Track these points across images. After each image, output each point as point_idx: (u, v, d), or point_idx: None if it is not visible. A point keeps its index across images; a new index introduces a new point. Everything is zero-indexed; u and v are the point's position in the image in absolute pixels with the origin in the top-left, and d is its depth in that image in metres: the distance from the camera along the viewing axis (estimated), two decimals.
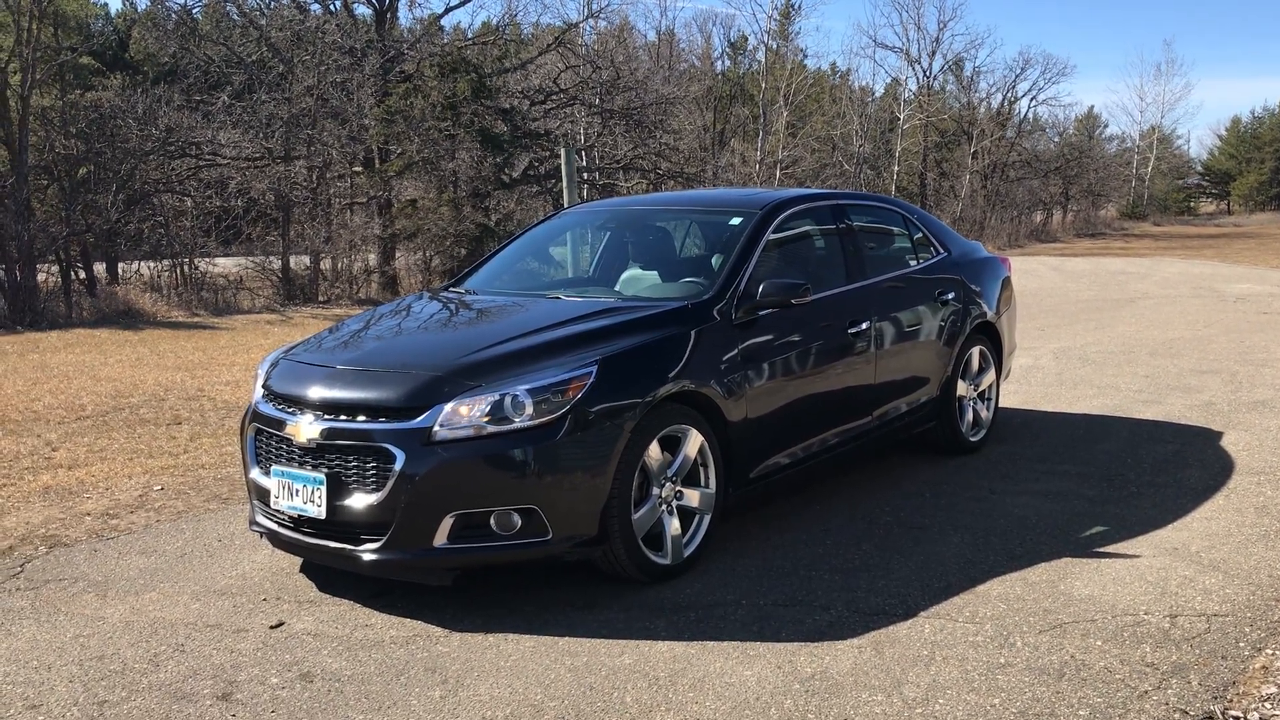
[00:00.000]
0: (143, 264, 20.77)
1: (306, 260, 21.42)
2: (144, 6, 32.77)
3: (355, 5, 25.50)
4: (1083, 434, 7.27)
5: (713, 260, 5.59)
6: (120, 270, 20.84)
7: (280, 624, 4.23)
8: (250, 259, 21.65)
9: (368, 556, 4.28)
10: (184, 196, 21.18)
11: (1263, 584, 4.47)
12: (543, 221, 6.96)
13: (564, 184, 10.72)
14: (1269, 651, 3.81)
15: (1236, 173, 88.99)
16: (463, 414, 4.25)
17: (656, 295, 5.45)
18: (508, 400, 4.27)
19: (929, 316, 6.46)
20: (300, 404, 4.56)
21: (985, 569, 4.68)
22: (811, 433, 5.55)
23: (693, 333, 4.88)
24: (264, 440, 4.72)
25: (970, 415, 6.88)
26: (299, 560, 4.92)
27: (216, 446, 7.36)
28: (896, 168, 44.55)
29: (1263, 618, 4.12)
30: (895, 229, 6.87)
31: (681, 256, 6.16)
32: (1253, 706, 3.41)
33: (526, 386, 4.31)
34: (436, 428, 4.23)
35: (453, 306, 5.70)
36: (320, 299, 20.43)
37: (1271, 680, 3.58)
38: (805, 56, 47.25)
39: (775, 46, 42.59)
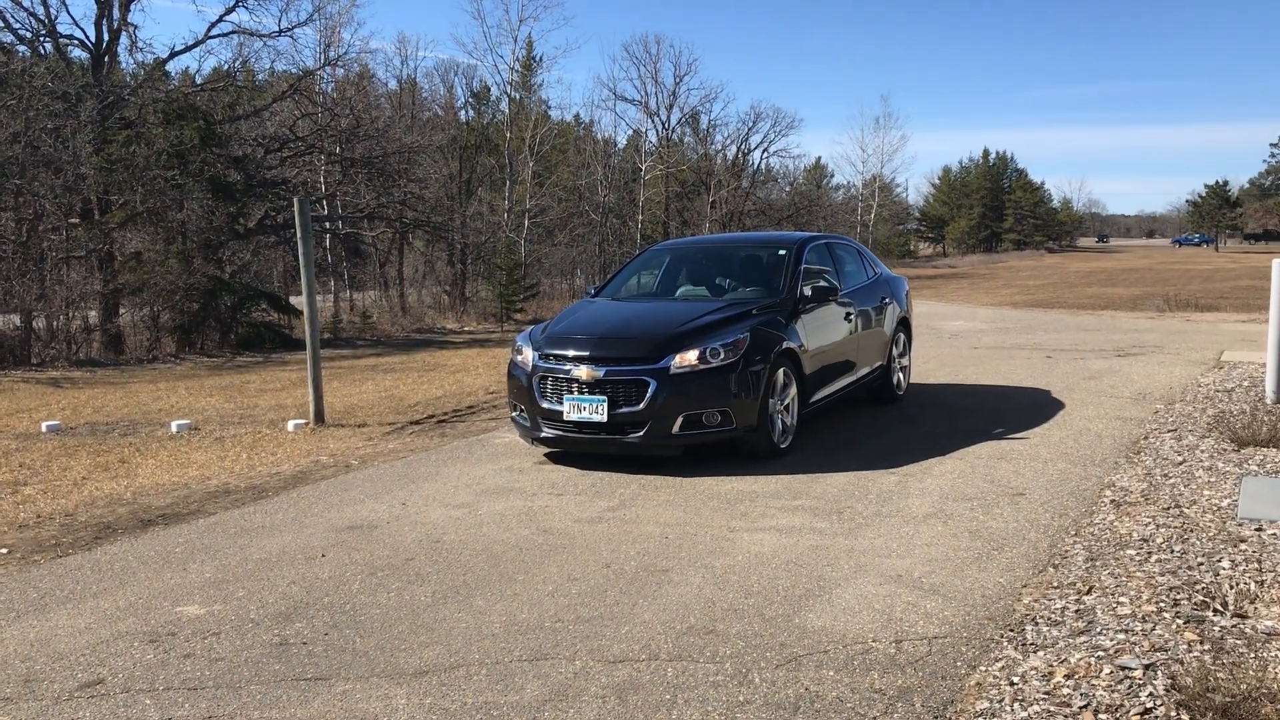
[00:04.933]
0: None
1: (17, 320, 19.72)
2: None
3: (69, 48, 23.93)
4: (813, 468, 7.60)
5: (777, 275, 8.84)
6: None
7: None
8: None
9: (632, 439, 7.48)
10: None
11: (977, 604, 4.76)
12: (638, 255, 10.38)
13: (299, 235, 10.35)
14: (982, 669, 4.05)
15: (949, 218, 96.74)
16: (684, 359, 7.47)
17: (751, 296, 8.64)
18: (708, 350, 7.51)
19: (878, 313, 9.99)
20: (577, 359, 7.65)
21: (725, 607, 4.77)
22: (832, 380, 8.92)
23: (783, 316, 8.21)
24: (549, 383, 7.77)
25: (898, 378, 10.52)
26: None
27: None
28: (641, 216, 45.75)
29: (977, 636, 4.38)
30: (853, 257, 10.26)
31: (751, 273, 9.20)
32: None
33: (720, 343, 7.56)
34: (671, 367, 7.44)
35: (629, 305, 8.93)
36: (34, 361, 18.83)
37: (984, 696, 3.80)
38: (549, 108, 47.93)
39: (518, 98, 43.02)
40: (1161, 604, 4.62)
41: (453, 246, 36.27)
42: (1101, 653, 4.11)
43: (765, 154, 58.83)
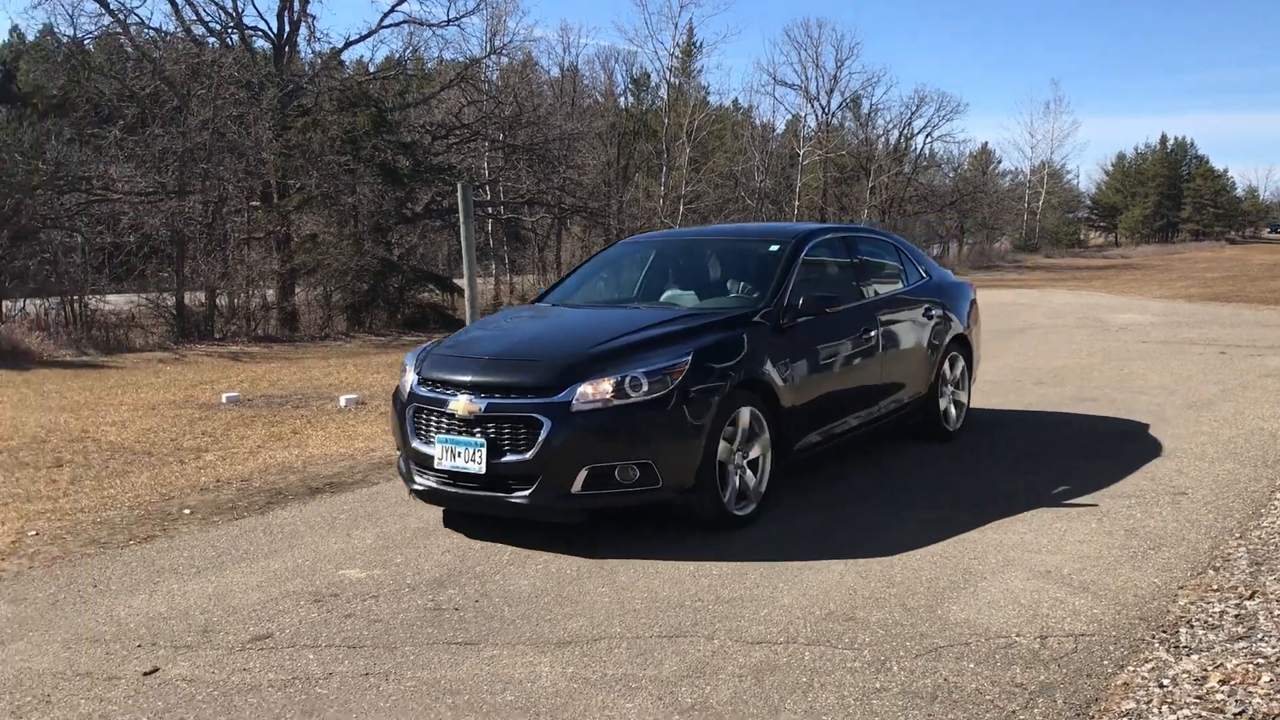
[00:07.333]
0: (29, 302, 20.11)
1: (202, 297, 20.97)
2: (33, 38, 32.00)
3: (253, 38, 25.23)
4: (968, 464, 7.46)
5: (761, 278, 6.79)
6: (4, 308, 20.14)
7: (154, 670, 4.13)
8: (143, 296, 21.10)
9: (518, 500, 5.43)
10: (73, 232, 20.61)
11: (1128, 604, 4.63)
12: (600, 253, 8.41)
13: (461, 219, 10.69)
14: (1130, 669, 3.95)
15: (1123, 206, 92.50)
16: (594, 391, 5.40)
17: (720, 305, 6.68)
18: (628, 380, 5.43)
19: (918, 329, 7.82)
20: (459, 386, 5.67)
21: (866, 595, 4.77)
22: (835, 416, 6.78)
23: (753, 334, 6.11)
24: (424, 417, 5.80)
25: (947, 409, 8.22)
26: (177, 605, 4.81)
27: (98, 489, 7.15)
28: (798, 202, 45.36)
29: (1126, 636, 4.27)
30: (889, 257, 8.19)
31: (732, 276, 7.19)
32: None
33: (644, 370, 5.49)
34: (574, 401, 5.38)
35: (559, 313, 7.00)
36: (216, 336, 20.00)
37: (1131, 696, 3.71)
38: (707, 93, 47.95)
39: (677, 83, 43.17)
40: None
41: (609, 232, 36.69)
42: (1261, 660, 3.96)
43: (928, 139, 57.39)
